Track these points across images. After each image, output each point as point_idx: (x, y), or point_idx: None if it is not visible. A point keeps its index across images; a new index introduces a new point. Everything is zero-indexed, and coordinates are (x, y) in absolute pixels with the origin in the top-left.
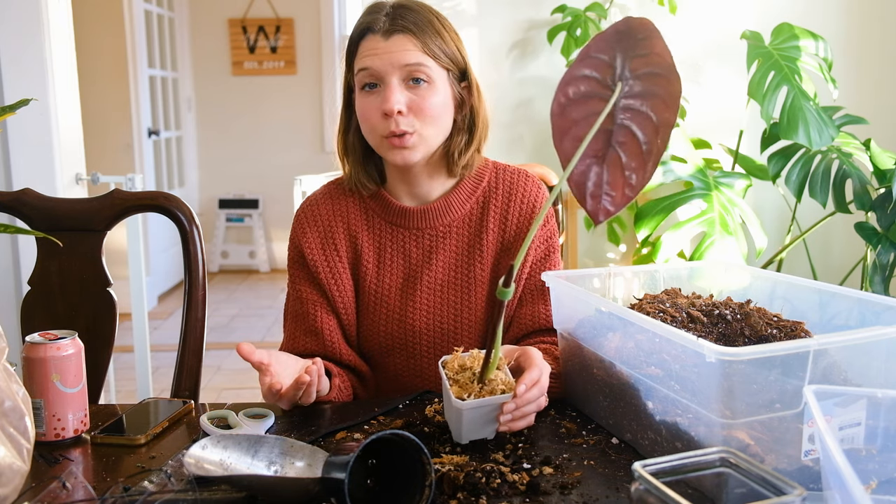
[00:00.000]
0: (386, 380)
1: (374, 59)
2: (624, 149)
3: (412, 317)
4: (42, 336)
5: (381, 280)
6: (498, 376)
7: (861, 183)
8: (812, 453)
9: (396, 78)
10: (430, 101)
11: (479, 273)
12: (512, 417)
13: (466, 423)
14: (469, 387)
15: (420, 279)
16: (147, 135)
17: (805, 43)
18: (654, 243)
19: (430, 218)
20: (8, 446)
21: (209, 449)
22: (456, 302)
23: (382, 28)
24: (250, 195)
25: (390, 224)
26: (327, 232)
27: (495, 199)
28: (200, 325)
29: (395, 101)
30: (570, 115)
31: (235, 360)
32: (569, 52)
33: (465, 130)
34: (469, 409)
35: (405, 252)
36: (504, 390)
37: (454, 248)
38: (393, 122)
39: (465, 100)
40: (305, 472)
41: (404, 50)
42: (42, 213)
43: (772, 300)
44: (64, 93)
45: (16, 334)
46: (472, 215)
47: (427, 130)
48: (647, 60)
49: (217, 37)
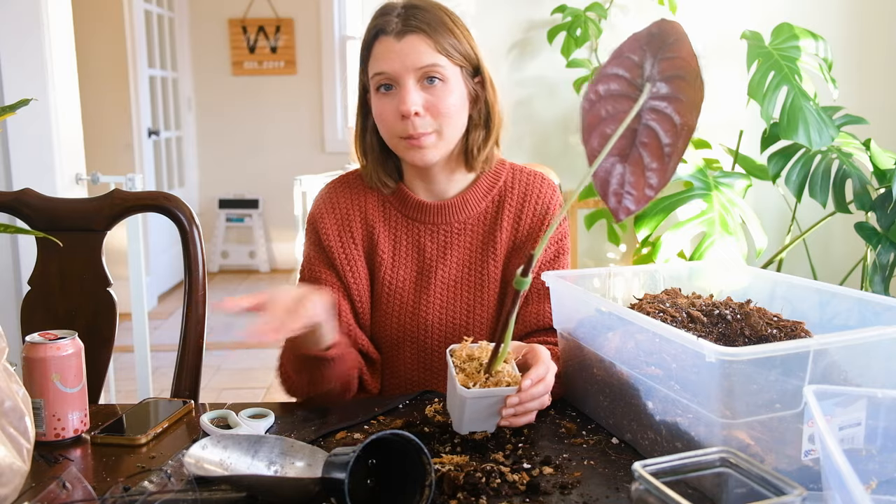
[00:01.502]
0: (394, 373)
1: (388, 62)
2: (646, 149)
3: (425, 311)
4: (42, 336)
5: (395, 272)
6: (505, 369)
7: (861, 183)
8: (812, 453)
9: (411, 79)
10: (446, 101)
11: (492, 271)
12: (514, 412)
13: (469, 413)
14: (475, 376)
15: (434, 274)
16: (147, 135)
17: (805, 43)
18: (654, 243)
19: (446, 213)
20: (8, 446)
21: (209, 449)
22: (469, 299)
23: (395, 30)
24: (250, 195)
25: (407, 217)
26: (345, 220)
27: (510, 200)
28: (200, 325)
29: (412, 102)
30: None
31: (235, 360)
32: (569, 52)
33: (481, 126)
34: (472, 398)
35: (420, 246)
36: (509, 383)
37: (468, 244)
38: (410, 125)
39: (479, 95)
40: (305, 472)
41: (418, 51)
42: (42, 213)
43: (772, 300)
44: (64, 93)
45: (16, 334)
46: (488, 213)
47: (444, 129)
48: (674, 63)
49: (217, 37)
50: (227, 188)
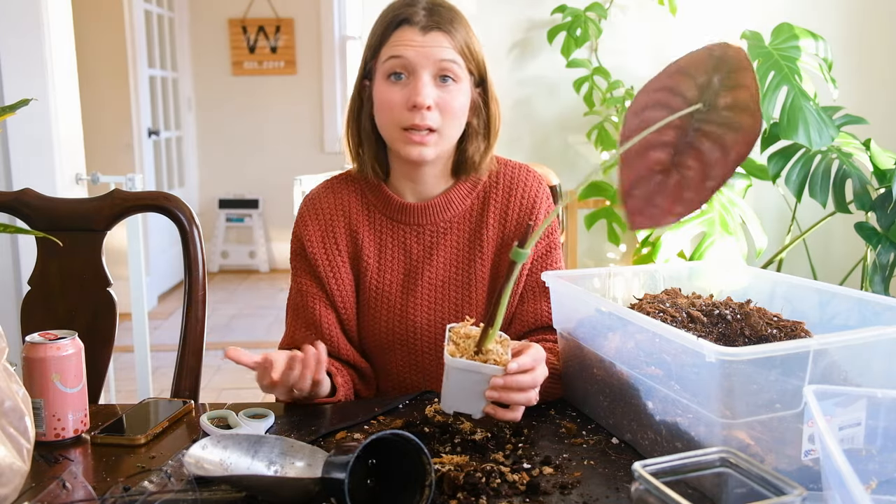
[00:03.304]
0: (387, 377)
1: (409, 50)
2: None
3: (413, 313)
4: (42, 336)
5: (382, 276)
6: (496, 349)
7: (861, 183)
8: (812, 453)
9: (428, 73)
10: (457, 100)
11: (480, 269)
12: (499, 396)
13: (453, 386)
14: (465, 351)
15: (421, 275)
16: (147, 135)
17: (805, 43)
18: (654, 243)
19: (430, 214)
20: (8, 446)
21: (209, 449)
22: (457, 299)
23: (421, 22)
24: (250, 195)
25: (391, 220)
26: (328, 226)
27: (495, 195)
28: (200, 325)
29: (427, 94)
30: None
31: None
32: (569, 52)
33: (482, 135)
34: (456, 368)
35: (406, 248)
36: (496, 362)
37: (455, 244)
38: (419, 116)
39: (480, 105)
40: (305, 472)
41: (441, 46)
42: (42, 213)
43: (772, 300)
44: (64, 93)
45: (16, 334)
46: (473, 211)
47: (448, 129)
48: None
49: (217, 37)
50: (227, 188)
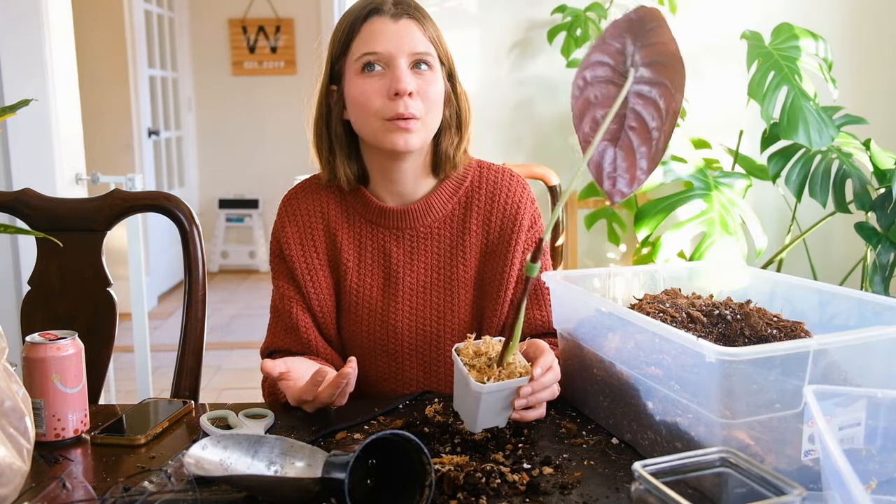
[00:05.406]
0: (367, 384)
1: (383, 42)
2: (635, 133)
3: (394, 318)
4: (42, 336)
5: (361, 280)
6: (516, 359)
7: (861, 183)
8: (812, 453)
9: (404, 60)
10: (435, 87)
11: (463, 275)
12: (527, 402)
13: (484, 408)
14: (487, 371)
15: (402, 280)
16: (147, 135)
17: (805, 43)
18: (654, 243)
19: (410, 218)
20: (8, 446)
21: (209, 449)
22: (439, 304)
23: (391, 11)
24: (250, 195)
25: (370, 223)
26: (306, 228)
27: (478, 200)
28: (200, 325)
29: (408, 81)
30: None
31: (236, 360)
32: (569, 52)
33: (454, 128)
34: (489, 392)
35: (385, 252)
36: (521, 374)
37: (436, 249)
38: (402, 104)
39: (451, 97)
40: (305, 472)
41: (413, 34)
42: (42, 213)
43: (772, 300)
44: (64, 93)
45: (16, 334)
46: (455, 216)
47: (429, 117)
48: (655, 49)
49: (217, 37)
50: (227, 188)
